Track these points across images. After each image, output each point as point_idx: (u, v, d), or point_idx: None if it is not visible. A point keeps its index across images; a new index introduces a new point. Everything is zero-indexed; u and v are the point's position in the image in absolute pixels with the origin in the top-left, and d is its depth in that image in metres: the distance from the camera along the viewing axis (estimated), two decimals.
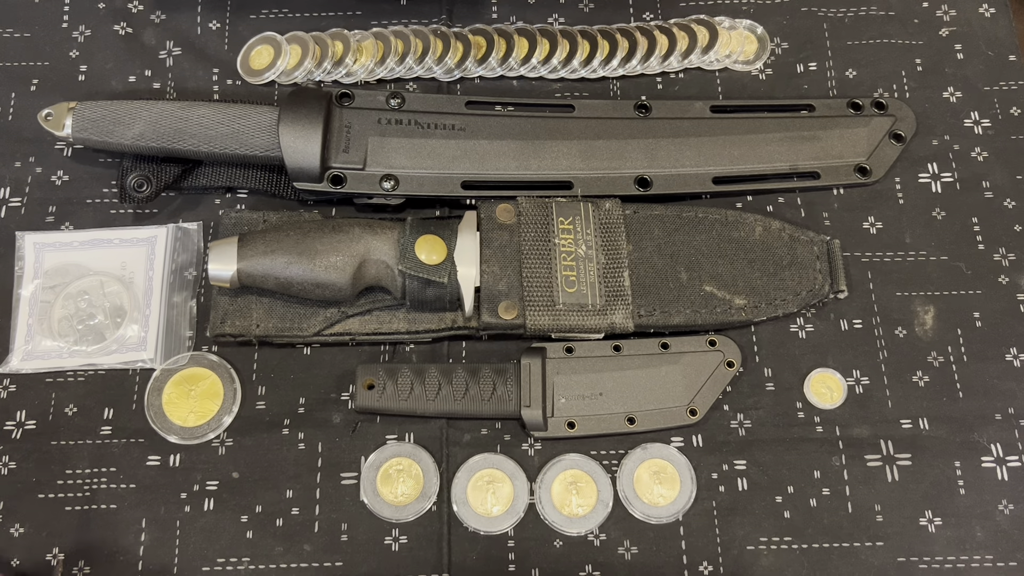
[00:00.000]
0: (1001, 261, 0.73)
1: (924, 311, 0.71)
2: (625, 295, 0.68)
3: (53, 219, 0.73)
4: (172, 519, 0.65)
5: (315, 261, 0.65)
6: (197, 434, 0.67)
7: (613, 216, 0.70)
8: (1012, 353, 0.70)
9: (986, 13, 0.81)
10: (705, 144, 0.74)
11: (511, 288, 0.67)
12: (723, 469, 0.67)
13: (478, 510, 0.65)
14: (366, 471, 0.66)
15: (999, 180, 0.75)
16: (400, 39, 0.77)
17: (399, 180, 0.70)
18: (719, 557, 0.64)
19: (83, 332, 0.69)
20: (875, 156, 0.75)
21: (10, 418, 0.68)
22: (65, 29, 0.79)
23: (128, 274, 0.71)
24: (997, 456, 0.67)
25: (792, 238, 0.71)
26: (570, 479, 0.66)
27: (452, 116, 0.73)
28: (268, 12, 0.80)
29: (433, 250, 0.66)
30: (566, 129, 0.73)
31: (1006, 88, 0.78)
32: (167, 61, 0.78)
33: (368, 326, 0.69)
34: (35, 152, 0.75)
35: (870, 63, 0.79)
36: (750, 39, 0.80)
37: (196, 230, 0.73)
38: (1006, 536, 0.65)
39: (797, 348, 0.70)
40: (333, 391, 0.69)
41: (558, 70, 0.78)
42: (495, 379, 0.66)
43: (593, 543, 0.65)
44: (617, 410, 0.67)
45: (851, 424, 0.68)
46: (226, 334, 0.68)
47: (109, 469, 0.66)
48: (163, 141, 0.69)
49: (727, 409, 0.68)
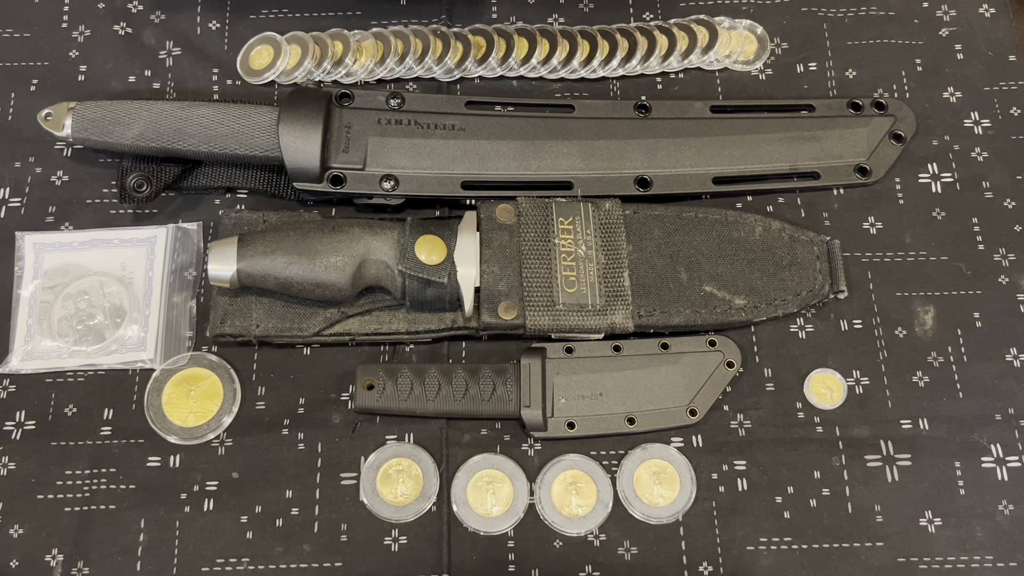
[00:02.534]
0: (1001, 261, 0.73)
1: (924, 311, 0.71)
2: (625, 295, 0.68)
3: (53, 219, 0.73)
4: (171, 519, 0.65)
5: (315, 261, 0.65)
6: (197, 434, 0.67)
7: (613, 216, 0.70)
8: (1012, 353, 0.70)
9: (986, 13, 0.81)
10: (705, 144, 0.74)
11: (511, 288, 0.67)
12: (723, 469, 0.67)
13: (478, 510, 0.65)
14: (366, 471, 0.66)
15: (999, 180, 0.75)
16: (400, 39, 0.77)
17: (399, 180, 0.70)
18: (719, 557, 0.64)
19: (83, 332, 0.69)
20: (875, 156, 0.75)
21: (10, 418, 0.68)
22: (65, 29, 0.79)
23: (128, 274, 0.71)
24: (997, 456, 0.67)
25: (792, 238, 0.71)
26: (570, 479, 0.66)
27: (452, 116, 0.73)
28: (268, 12, 0.80)
29: (433, 250, 0.66)
30: (566, 129, 0.73)
31: (1006, 88, 0.78)
32: (167, 61, 0.78)
33: (368, 326, 0.69)
34: (35, 152, 0.75)
35: (870, 63, 0.79)
36: (750, 39, 0.80)
37: (196, 230, 0.73)
38: (1006, 536, 0.65)
39: (797, 348, 0.70)
40: (333, 391, 0.69)
41: (558, 70, 0.78)
42: (495, 379, 0.66)
43: (593, 543, 0.65)
44: (617, 410, 0.67)
45: (851, 424, 0.68)
46: (226, 334, 0.68)
47: (109, 470, 0.66)
48: (163, 141, 0.69)
49: (727, 409, 0.68)
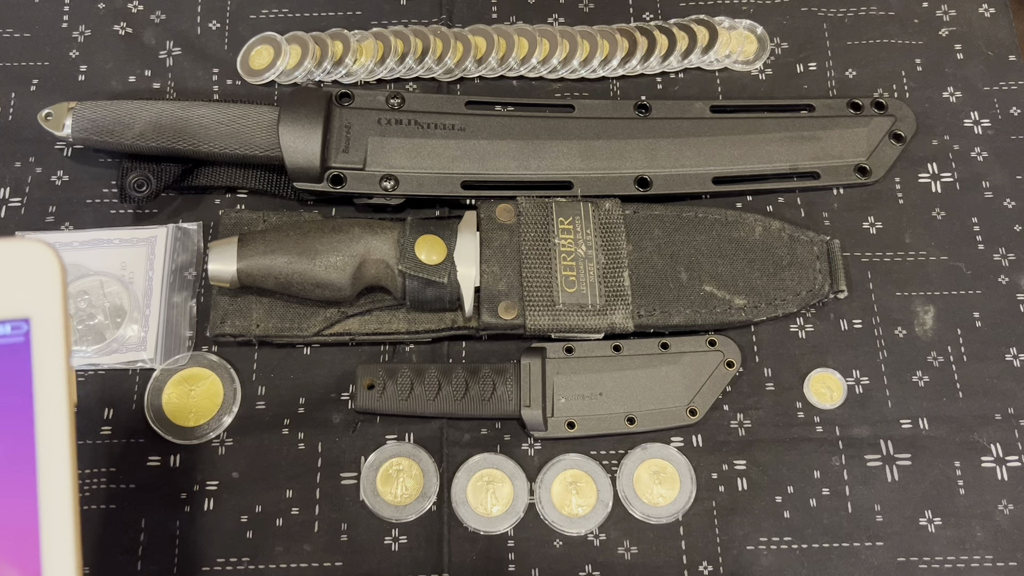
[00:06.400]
0: (1001, 261, 0.73)
1: (924, 311, 0.71)
2: (625, 295, 0.68)
3: (53, 219, 0.73)
4: (172, 519, 0.65)
5: (315, 261, 0.65)
6: (197, 434, 0.67)
7: (613, 216, 0.70)
8: (1012, 353, 0.70)
9: (986, 13, 0.81)
10: (705, 144, 0.74)
11: (511, 288, 0.67)
12: (723, 469, 0.67)
13: (478, 510, 0.65)
14: (366, 471, 0.66)
15: (999, 180, 0.75)
16: (400, 39, 0.77)
17: (399, 180, 0.70)
18: (719, 557, 0.64)
19: (83, 332, 0.69)
20: (875, 156, 0.75)
21: None
22: (65, 29, 0.79)
23: (128, 274, 0.71)
24: (997, 456, 0.67)
25: (792, 238, 0.71)
26: (570, 479, 0.66)
27: (452, 116, 0.73)
28: (268, 12, 0.80)
29: (433, 250, 0.66)
30: (566, 129, 0.73)
31: (1006, 88, 0.78)
32: (167, 61, 0.78)
33: (368, 326, 0.69)
34: (35, 152, 0.75)
35: (870, 63, 0.79)
36: (750, 39, 0.80)
37: (196, 230, 0.73)
38: (1006, 536, 0.65)
39: (797, 348, 0.70)
40: (333, 391, 0.69)
41: (558, 70, 0.78)
42: (495, 379, 0.66)
43: (593, 543, 0.65)
44: (617, 410, 0.67)
45: (851, 424, 0.68)
46: (226, 334, 0.68)
47: (109, 469, 0.66)
48: (163, 141, 0.69)
49: (727, 409, 0.68)
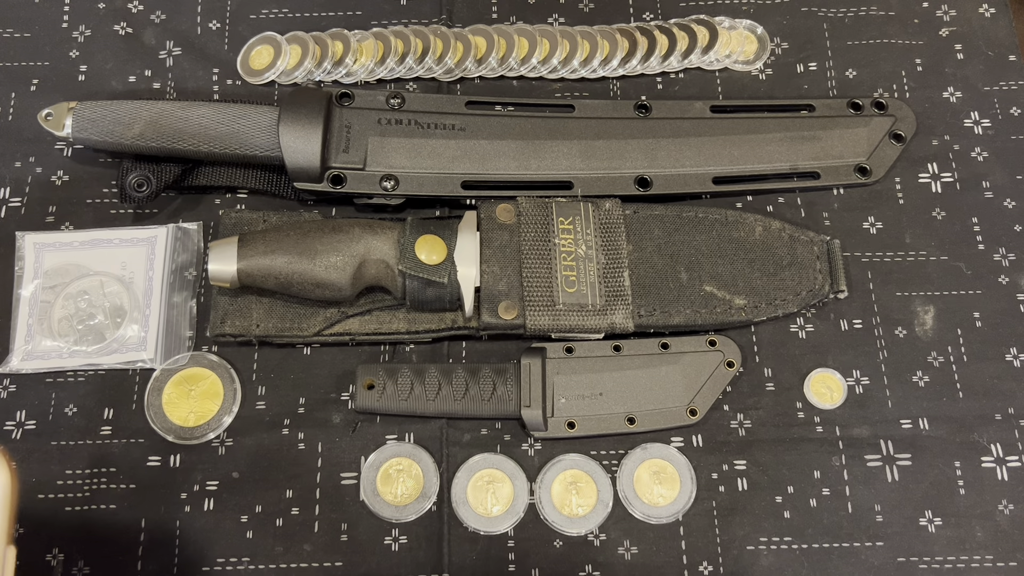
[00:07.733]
0: (1001, 261, 0.73)
1: (924, 311, 0.71)
2: (625, 295, 0.68)
3: (53, 219, 0.73)
4: (172, 519, 0.65)
5: (315, 261, 0.65)
6: (197, 434, 0.67)
7: (613, 216, 0.70)
8: (1012, 353, 0.70)
9: (986, 13, 0.81)
10: (705, 144, 0.74)
11: (511, 288, 0.67)
12: (723, 469, 0.67)
13: (478, 510, 0.65)
14: (366, 471, 0.66)
15: (999, 180, 0.75)
16: (400, 39, 0.77)
17: (399, 180, 0.70)
18: (719, 557, 0.64)
19: (83, 332, 0.69)
20: (875, 156, 0.75)
21: (10, 418, 0.68)
22: (65, 29, 0.79)
23: (128, 274, 0.71)
24: (997, 456, 0.67)
25: (792, 238, 0.71)
26: (570, 479, 0.66)
27: (452, 116, 0.73)
28: (268, 12, 0.80)
29: (433, 250, 0.66)
30: (566, 129, 0.73)
31: (1006, 88, 0.78)
32: (167, 61, 0.78)
33: (368, 326, 0.69)
34: (35, 152, 0.75)
35: (870, 63, 0.79)
36: (750, 39, 0.80)
37: (196, 230, 0.73)
38: (1006, 536, 0.65)
39: (797, 348, 0.70)
40: (333, 391, 0.69)
41: (558, 70, 0.78)
42: (495, 379, 0.66)
43: (593, 543, 0.65)
44: (617, 410, 0.67)
45: (851, 424, 0.68)
46: (226, 334, 0.68)
47: (109, 469, 0.66)
48: (163, 141, 0.69)
49: (727, 409, 0.68)
